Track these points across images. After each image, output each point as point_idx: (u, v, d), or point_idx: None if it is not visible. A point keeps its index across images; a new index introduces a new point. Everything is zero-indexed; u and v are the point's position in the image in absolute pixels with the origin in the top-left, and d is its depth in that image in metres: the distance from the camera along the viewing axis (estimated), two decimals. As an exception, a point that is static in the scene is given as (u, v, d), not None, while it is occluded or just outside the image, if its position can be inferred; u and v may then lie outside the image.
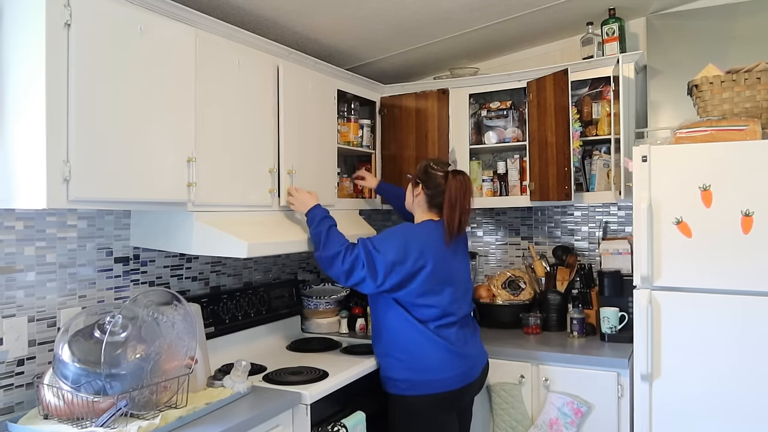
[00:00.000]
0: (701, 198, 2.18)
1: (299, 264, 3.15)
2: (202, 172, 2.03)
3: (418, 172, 2.42)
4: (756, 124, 2.17)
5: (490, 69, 3.32)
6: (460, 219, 2.30)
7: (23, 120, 1.60)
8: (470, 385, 2.29)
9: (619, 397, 2.45)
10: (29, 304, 1.87)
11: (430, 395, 2.20)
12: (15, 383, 1.82)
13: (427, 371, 2.20)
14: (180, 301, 1.90)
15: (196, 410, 1.80)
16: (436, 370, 2.21)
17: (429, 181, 2.36)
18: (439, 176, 2.35)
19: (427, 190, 2.36)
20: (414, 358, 2.22)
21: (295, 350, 2.67)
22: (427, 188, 2.36)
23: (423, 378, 2.20)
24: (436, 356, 2.21)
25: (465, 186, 2.32)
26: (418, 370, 2.21)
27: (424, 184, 2.37)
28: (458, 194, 2.29)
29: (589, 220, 3.16)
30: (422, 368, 2.21)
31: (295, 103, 2.49)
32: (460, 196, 2.30)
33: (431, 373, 2.20)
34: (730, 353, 2.13)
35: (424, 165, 2.42)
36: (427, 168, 2.39)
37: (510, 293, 3.06)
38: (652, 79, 2.89)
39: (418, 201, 2.40)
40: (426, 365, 2.21)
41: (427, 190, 2.36)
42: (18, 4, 1.61)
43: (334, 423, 2.10)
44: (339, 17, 2.56)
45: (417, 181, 2.40)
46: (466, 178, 2.35)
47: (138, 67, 1.80)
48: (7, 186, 1.63)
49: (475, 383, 2.32)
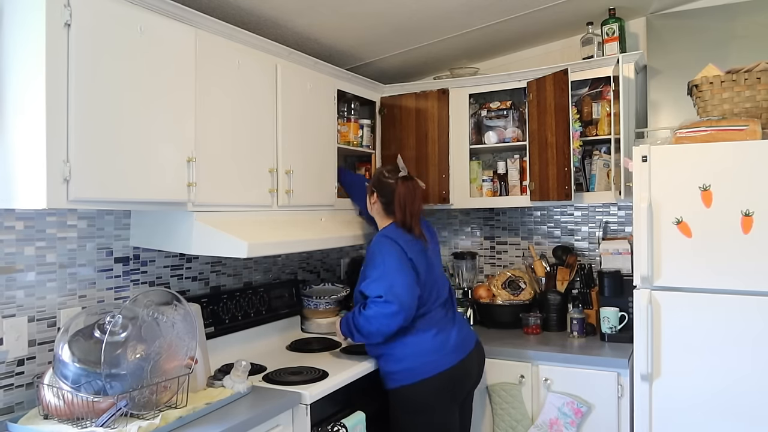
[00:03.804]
0: (701, 198, 2.18)
1: (299, 264, 3.15)
2: (202, 172, 2.03)
3: (373, 181, 2.55)
4: (756, 124, 2.17)
5: (490, 69, 3.32)
6: (411, 221, 2.42)
7: (23, 120, 1.60)
8: (463, 362, 2.33)
9: (619, 397, 2.45)
10: (29, 304, 1.87)
11: (428, 379, 2.25)
12: (15, 383, 1.82)
13: (418, 356, 2.27)
14: (180, 301, 1.90)
15: (196, 410, 1.80)
16: (426, 352, 2.28)
17: (382, 189, 2.48)
18: (390, 183, 2.46)
19: (381, 198, 2.48)
20: (404, 346, 2.29)
21: (295, 350, 2.67)
22: (381, 196, 2.48)
23: (416, 363, 2.27)
24: (424, 340, 2.29)
25: (413, 191, 2.45)
26: (410, 356, 2.28)
27: (378, 192, 2.49)
28: (406, 199, 2.42)
29: (589, 220, 3.16)
30: (414, 354, 2.28)
31: (294, 103, 2.49)
32: (409, 201, 2.42)
33: (423, 357, 2.27)
34: (730, 353, 2.13)
35: (377, 173, 2.56)
36: (380, 176, 2.52)
37: (510, 293, 3.06)
38: (652, 79, 2.89)
39: (375, 208, 2.53)
40: (417, 351, 2.28)
41: (381, 198, 2.48)
42: (18, 4, 1.61)
43: (334, 423, 2.10)
44: (339, 17, 2.56)
45: (372, 189, 2.52)
46: (413, 184, 2.48)
47: (138, 67, 1.80)
48: (7, 186, 1.63)
49: (468, 363, 2.35)
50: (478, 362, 2.46)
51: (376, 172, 2.59)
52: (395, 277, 2.26)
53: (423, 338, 2.30)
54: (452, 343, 2.33)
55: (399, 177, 2.47)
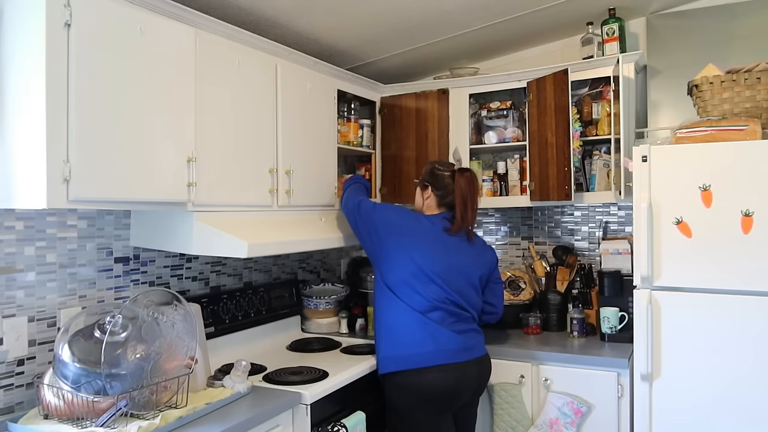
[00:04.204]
0: (701, 198, 2.18)
1: (299, 264, 3.15)
2: (202, 172, 2.03)
3: (425, 175, 2.51)
4: (756, 124, 2.17)
5: (490, 69, 3.32)
6: (471, 213, 2.40)
7: (23, 120, 1.60)
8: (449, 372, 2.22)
9: (619, 397, 2.45)
10: (29, 304, 1.87)
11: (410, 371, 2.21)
12: (15, 383, 1.82)
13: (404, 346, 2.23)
14: (180, 301, 1.90)
15: (196, 410, 1.80)
16: (411, 344, 2.23)
17: (437, 182, 2.45)
18: (447, 176, 2.43)
19: (436, 191, 2.44)
20: (393, 332, 2.27)
21: (295, 350, 2.67)
22: (436, 189, 2.44)
23: (401, 353, 2.23)
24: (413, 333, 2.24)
25: (473, 182, 2.42)
26: (396, 345, 2.25)
27: (432, 186, 2.46)
28: (468, 191, 2.39)
29: (589, 220, 3.16)
30: (400, 344, 2.25)
31: (294, 103, 2.49)
32: (471, 192, 2.40)
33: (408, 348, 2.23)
34: (730, 353, 2.13)
35: (429, 167, 2.51)
36: (433, 170, 2.48)
37: (510, 293, 3.06)
38: (652, 79, 2.89)
39: (428, 203, 2.48)
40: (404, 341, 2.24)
41: (436, 191, 2.44)
42: (18, 4, 1.61)
43: (334, 423, 2.10)
44: (339, 17, 2.56)
45: (425, 184, 2.48)
46: (473, 175, 2.45)
47: (138, 66, 1.80)
48: (7, 186, 1.63)
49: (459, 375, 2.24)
50: (479, 376, 2.33)
51: (427, 166, 2.52)
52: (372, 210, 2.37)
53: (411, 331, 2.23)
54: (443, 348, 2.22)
55: (455, 169, 2.45)
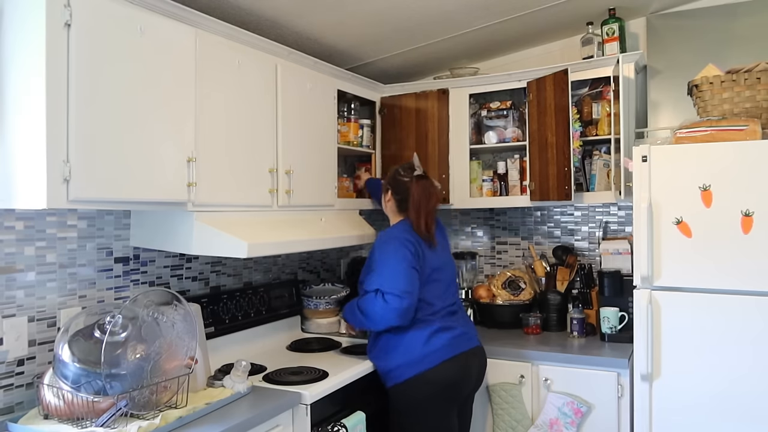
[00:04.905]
0: (701, 198, 2.18)
1: (299, 264, 3.15)
2: (202, 172, 2.02)
3: (388, 179, 2.54)
4: (756, 124, 2.17)
5: (490, 69, 3.32)
6: (426, 221, 2.39)
7: (23, 120, 1.60)
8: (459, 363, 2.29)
9: (619, 397, 2.45)
10: (29, 304, 1.87)
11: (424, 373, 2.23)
12: (15, 383, 1.82)
13: (413, 351, 2.26)
14: (180, 301, 1.90)
15: (196, 410, 1.80)
16: (421, 346, 2.26)
17: (397, 187, 2.48)
18: (406, 182, 2.45)
19: (395, 196, 2.48)
20: (399, 342, 2.28)
21: (295, 350, 2.67)
22: (395, 194, 2.48)
23: (412, 357, 2.25)
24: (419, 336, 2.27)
25: (428, 191, 2.43)
26: (405, 352, 2.27)
27: (392, 190, 2.49)
28: (421, 199, 2.40)
29: (589, 220, 3.16)
30: (408, 350, 2.26)
31: (294, 103, 2.49)
32: (424, 200, 2.40)
33: (418, 350, 2.25)
34: (730, 353, 2.13)
35: (393, 171, 2.55)
36: (395, 175, 2.51)
37: (510, 293, 3.06)
38: (652, 79, 2.89)
39: (389, 206, 2.52)
40: (412, 346, 2.26)
41: (395, 196, 2.48)
42: (18, 4, 1.61)
43: (334, 423, 2.10)
44: (339, 17, 2.56)
45: (387, 187, 2.52)
46: (428, 183, 2.46)
47: (138, 67, 1.80)
48: (7, 186, 1.63)
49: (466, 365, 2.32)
50: (479, 366, 2.42)
51: (391, 170, 2.56)
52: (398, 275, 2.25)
53: (419, 336, 2.27)
54: (448, 342, 2.29)
55: (414, 176, 2.45)
